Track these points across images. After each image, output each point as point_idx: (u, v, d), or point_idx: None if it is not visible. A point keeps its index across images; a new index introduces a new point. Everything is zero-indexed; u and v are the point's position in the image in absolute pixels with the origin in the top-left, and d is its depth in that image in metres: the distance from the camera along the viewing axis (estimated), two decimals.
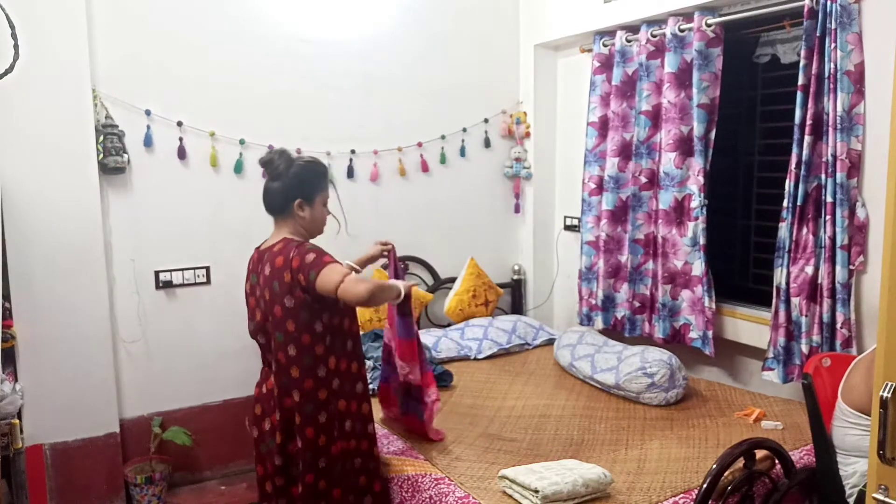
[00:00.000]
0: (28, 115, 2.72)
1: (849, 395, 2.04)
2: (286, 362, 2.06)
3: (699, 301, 3.05)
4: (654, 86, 3.16)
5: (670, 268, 3.14)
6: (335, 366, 2.10)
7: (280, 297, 2.03)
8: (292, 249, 2.02)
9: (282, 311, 2.04)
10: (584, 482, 1.93)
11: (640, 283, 3.31)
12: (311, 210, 2.13)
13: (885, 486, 1.19)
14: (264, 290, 2.09)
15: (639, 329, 3.34)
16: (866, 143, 2.45)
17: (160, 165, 3.08)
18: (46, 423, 2.84)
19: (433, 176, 3.76)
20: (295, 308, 2.03)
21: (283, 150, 2.17)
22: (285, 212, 2.12)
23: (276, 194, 2.11)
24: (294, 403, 2.07)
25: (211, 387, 3.29)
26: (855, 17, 2.42)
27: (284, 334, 2.05)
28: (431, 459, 2.28)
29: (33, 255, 2.77)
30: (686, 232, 3.07)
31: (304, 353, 2.05)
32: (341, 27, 3.41)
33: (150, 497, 3.03)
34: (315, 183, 2.15)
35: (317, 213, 2.15)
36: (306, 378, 2.06)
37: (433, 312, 3.80)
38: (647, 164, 3.22)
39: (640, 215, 3.28)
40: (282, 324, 2.04)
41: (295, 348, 2.05)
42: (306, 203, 2.11)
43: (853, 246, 2.49)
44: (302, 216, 2.12)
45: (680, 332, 3.16)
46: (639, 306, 3.32)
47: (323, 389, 2.08)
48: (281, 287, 2.02)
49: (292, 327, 2.04)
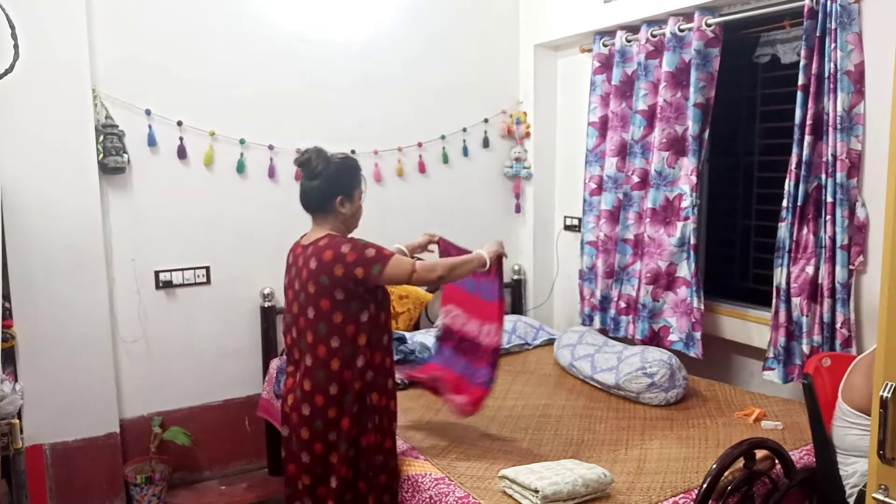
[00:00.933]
0: (28, 115, 2.72)
1: (849, 395, 2.04)
2: (326, 355, 2.09)
3: (683, 302, 3.04)
4: (651, 85, 3.16)
5: (653, 268, 3.12)
6: (370, 358, 2.15)
7: (330, 290, 2.07)
8: (344, 244, 2.08)
9: (330, 303, 2.08)
10: (584, 482, 1.93)
11: (627, 284, 3.29)
12: (350, 205, 2.20)
13: (885, 486, 1.19)
14: (307, 284, 2.11)
15: (623, 330, 3.32)
16: (866, 143, 2.45)
17: (160, 165, 3.08)
18: (46, 423, 2.84)
19: (433, 176, 3.76)
20: (345, 300, 2.08)
21: (319, 149, 2.20)
22: (326, 209, 2.18)
23: (317, 192, 2.17)
24: (329, 398, 2.09)
25: (211, 387, 3.30)
26: (855, 17, 2.42)
27: (329, 326, 2.09)
28: (431, 459, 2.28)
29: (33, 255, 2.77)
30: (674, 232, 3.06)
31: (347, 343, 2.10)
32: (341, 27, 3.42)
33: (150, 497, 3.03)
34: (352, 178, 2.22)
35: (356, 207, 2.24)
36: (346, 369, 2.10)
37: (433, 312, 3.80)
38: (641, 164, 3.21)
39: (630, 215, 3.26)
40: (328, 316, 2.08)
41: (339, 339, 2.09)
42: (346, 199, 2.18)
43: (853, 246, 2.48)
44: (343, 212, 2.19)
45: (658, 335, 3.15)
46: (624, 307, 3.31)
47: (358, 380, 2.12)
48: (331, 280, 2.06)
49: (339, 318, 2.08)
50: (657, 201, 3.11)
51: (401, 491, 2.23)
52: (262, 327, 3.36)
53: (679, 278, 3.06)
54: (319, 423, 2.10)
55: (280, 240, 3.37)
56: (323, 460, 2.12)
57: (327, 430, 2.10)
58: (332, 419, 2.10)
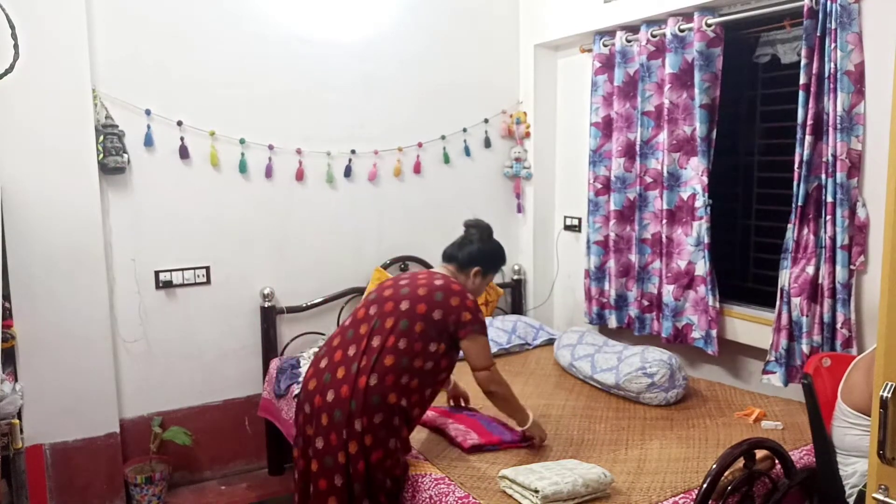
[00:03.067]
0: (28, 115, 2.72)
1: (849, 395, 2.04)
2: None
3: (702, 301, 3.05)
4: (655, 86, 3.17)
5: (674, 267, 3.15)
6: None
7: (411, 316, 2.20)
8: (469, 293, 2.28)
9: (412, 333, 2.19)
10: (584, 482, 1.93)
11: (648, 283, 3.32)
12: (480, 281, 2.41)
13: (885, 486, 1.19)
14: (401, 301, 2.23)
15: (648, 328, 3.34)
16: (866, 143, 2.45)
17: (160, 165, 3.08)
18: (46, 423, 2.84)
19: (433, 176, 3.76)
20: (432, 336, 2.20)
21: (486, 224, 2.48)
22: (464, 268, 2.39)
23: (467, 254, 2.40)
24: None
25: (211, 387, 3.30)
26: (855, 17, 2.41)
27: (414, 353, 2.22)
28: (431, 459, 2.28)
29: (33, 255, 2.77)
30: (690, 231, 3.08)
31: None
32: (341, 27, 3.41)
33: (150, 497, 3.03)
34: (496, 264, 2.47)
35: (482, 287, 2.44)
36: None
37: None
38: (653, 164, 3.22)
39: (646, 215, 3.29)
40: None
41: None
42: (482, 274, 2.40)
43: (853, 246, 2.48)
44: (472, 280, 2.39)
45: (682, 332, 3.17)
46: (647, 305, 3.33)
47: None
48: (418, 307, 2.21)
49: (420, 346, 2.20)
50: (672, 202, 3.13)
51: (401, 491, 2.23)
52: (262, 327, 3.36)
53: (698, 277, 3.07)
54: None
55: (280, 240, 3.39)
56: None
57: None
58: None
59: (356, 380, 2.08)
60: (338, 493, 2.07)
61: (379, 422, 2.07)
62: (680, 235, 3.14)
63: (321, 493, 2.08)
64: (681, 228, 3.13)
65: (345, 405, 2.07)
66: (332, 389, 2.11)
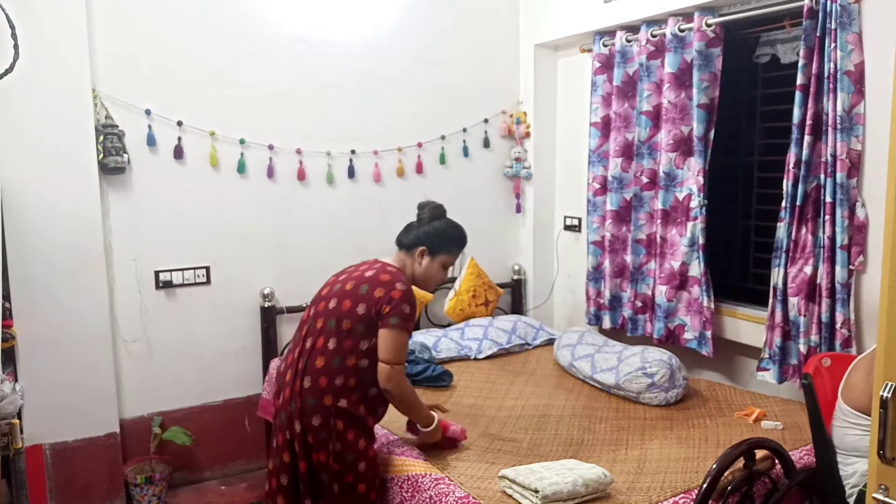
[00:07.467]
0: (28, 115, 2.72)
1: (849, 395, 2.04)
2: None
3: (696, 301, 3.05)
4: (654, 86, 3.17)
5: (668, 268, 3.14)
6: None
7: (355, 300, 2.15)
8: (400, 282, 2.16)
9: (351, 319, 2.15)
10: (584, 482, 1.93)
11: (642, 283, 3.32)
12: (428, 263, 2.30)
13: (885, 486, 1.19)
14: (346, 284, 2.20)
15: (640, 329, 3.34)
16: (866, 143, 2.45)
17: (160, 165, 3.08)
18: (46, 423, 2.84)
19: (433, 176, 3.76)
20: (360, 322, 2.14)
21: (437, 204, 2.38)
22: (409, 251, 2.30)
23: (411, 235, 2.32)
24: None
25: (211, 387, 3.30)
26: (855, 17, 2.42)
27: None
28: (431, 459, 2.27)
29: (33, 255, 2.77)
30: (685, 232, 3.08)
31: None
32: (341, 27, 3.42)
33: (150, 497, 3.03)
34: (445, 242, 2.32)
35: (432, 269, 2.31)
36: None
37: (433, 312, 3.80)
38: (649, 164, 3.22)
39: (641, 215, 3.29)
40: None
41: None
42: (427, 254, 2.29)
43: (853, 246, 2.48)
44: (418, 262, 2.29)
45: (675, 333, 3.16)
46: (640, 306, 3.33)
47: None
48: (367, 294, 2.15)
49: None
50: (667, 202, 3.13)
51: (401, 491, 2.23)
52: (262, 327, 3.36)
53: (691, 277, 3.07)
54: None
55: (280, 240, 3.39)
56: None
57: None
58: None
59: (294, 382, 2.14)
60: (284, 492, 2.16)
61: (318, 424, 2.10)
62: (674, 236, 3.13)
63: (272, 492, 2.20)
64: (675, 229, 3.13)
65: (287, 407, 2.14)
66: (283, 392, 2.19)
